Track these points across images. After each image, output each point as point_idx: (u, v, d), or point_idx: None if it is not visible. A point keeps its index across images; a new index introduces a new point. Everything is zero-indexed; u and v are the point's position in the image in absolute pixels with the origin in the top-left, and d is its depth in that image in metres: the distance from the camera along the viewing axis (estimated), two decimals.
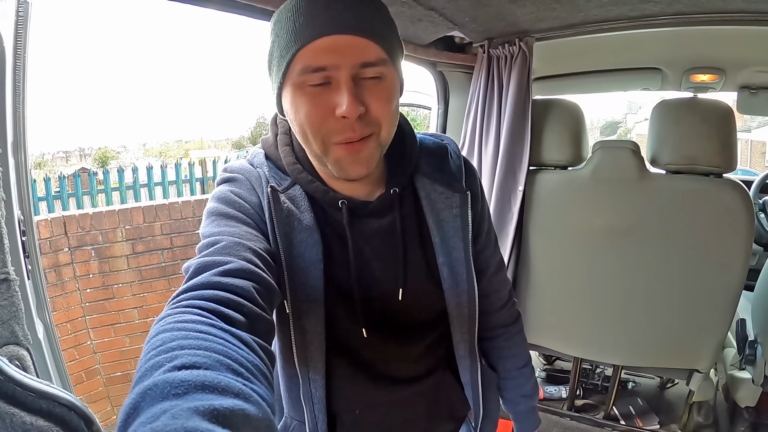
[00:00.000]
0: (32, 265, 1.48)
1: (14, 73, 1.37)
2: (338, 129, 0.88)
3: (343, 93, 0.85)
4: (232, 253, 0.83)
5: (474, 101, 2.09)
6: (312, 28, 0.84)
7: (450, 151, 1.14)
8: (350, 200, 1.01)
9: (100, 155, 30.39)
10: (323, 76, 0.85)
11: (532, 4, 1.61)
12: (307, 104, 0.87)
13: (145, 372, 0.55)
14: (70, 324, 4.43)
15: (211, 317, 0.67)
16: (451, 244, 1.08)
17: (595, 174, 1.95)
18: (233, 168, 1.04)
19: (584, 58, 2.39)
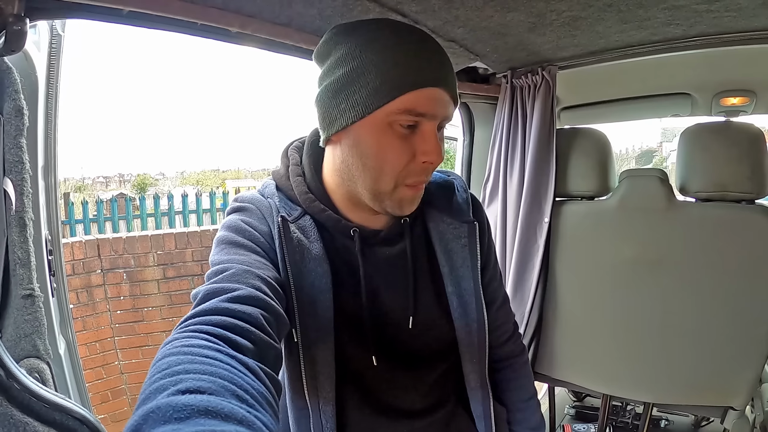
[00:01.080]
0: (57, 283, 1.53)
1: (47, 101, 1.43)
2: (416, 172, 0.94)
3: (433, 142, 0.92)
4: (240, 280, 0.83)
5: (498, 132, 2.06)
6: (425, 75, 0.89)
7: (456, 186, 1.18)
8: (362, 229, 1.03)
9: (138, 181, 30.96)
10: (414, 120, 0.90)
11: (551, 32, 1.59)
12: (395, 144, 0.91)
13: (149, 394, 0.55)
14: (99, 344, 4.52)
15: (218, 342, 0.67)
16: (459, 273, 1.09)
17: (622, 204, 1.90)
18: (244, 198, 1.06)
19: (612, 86, 2.34)
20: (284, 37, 1.30)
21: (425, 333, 1.08)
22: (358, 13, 1.28)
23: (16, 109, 1.19)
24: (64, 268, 1.62)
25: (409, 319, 1.06)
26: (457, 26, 1.45)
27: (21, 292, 1.23)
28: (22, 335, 1.23)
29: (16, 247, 1.22)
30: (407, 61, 0.89)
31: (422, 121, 0.91)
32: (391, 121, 0.90)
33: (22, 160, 1.22)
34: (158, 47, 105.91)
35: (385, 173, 0.93)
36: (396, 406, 1.07)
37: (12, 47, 0.94)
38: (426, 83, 0.89)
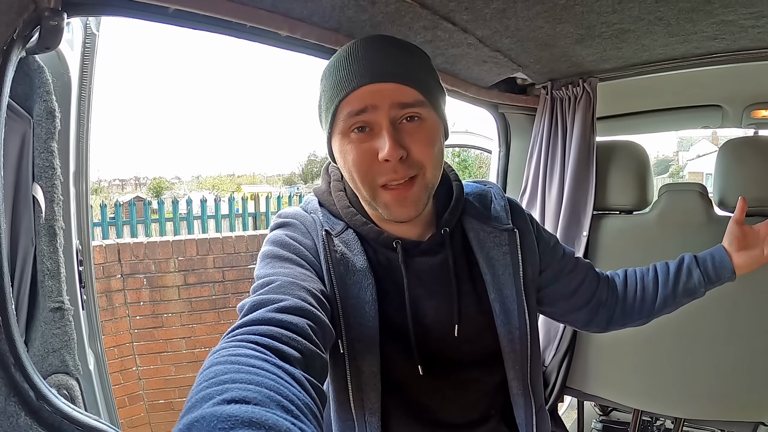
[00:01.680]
0: (87, 295, 1.50)
1: (79, 104, 1.40)
2: (382, 172, 0.96)
3: (383, 137, 0.93)
4: (286, 291, 0.85)
5: (537, 144, 2.03)
6: (353, 79, 0.94)
7: (493, 194, 1.21)
8: (403, 240, 1.05)
9: (154, 185, 31.19)
10: (363, 120, 0.94)
11: (597, 44, 1.57)
12: (353, 150, 0.96)
13: (195, 403, 0.55)
14: (118, 349, 4.52)
15: (264, 352, 0.68)
16: (501, 281, 1.11)
17: (661, 218, 1.88)
18: (287, 213, 1.10)
19: (644, 98, 2.34)
20: (333, 42, 1.28)
21: (470, 340, 1.09)
22: (409, 20, 1.26)
23: (48, 111, 1.16)
24: (95, 278, 1.59)
25: (455, 327, 1.07)
26: (506, 36, 1.43)
27: (50, 305, 1.20)
28: (50, 350, 1.20)
29: (44, 257, 1.20)
30: (341, 69, 0.96)
31: (370, 119, 0.94)
32: (345, 129, 0.96)
33: (53, 165, 1.20)
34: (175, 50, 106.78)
35: (356, 180, 0.98)
36: (440, 418, 1.08)
37: (47, 44, 0.90)
38: (357, 83, 0.94)
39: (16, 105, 1.12)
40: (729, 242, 1.30)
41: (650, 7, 1.28)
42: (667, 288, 1.30)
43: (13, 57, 0.83)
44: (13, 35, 0.82)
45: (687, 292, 1.30)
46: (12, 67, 0.83)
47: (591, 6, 1.26)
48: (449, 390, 1.08)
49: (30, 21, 0.84)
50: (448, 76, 1.70)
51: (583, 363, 2.04)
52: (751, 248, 1.28)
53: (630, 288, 1.34)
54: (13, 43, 0.82)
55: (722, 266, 1.28)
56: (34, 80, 1.15)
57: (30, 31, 0.85)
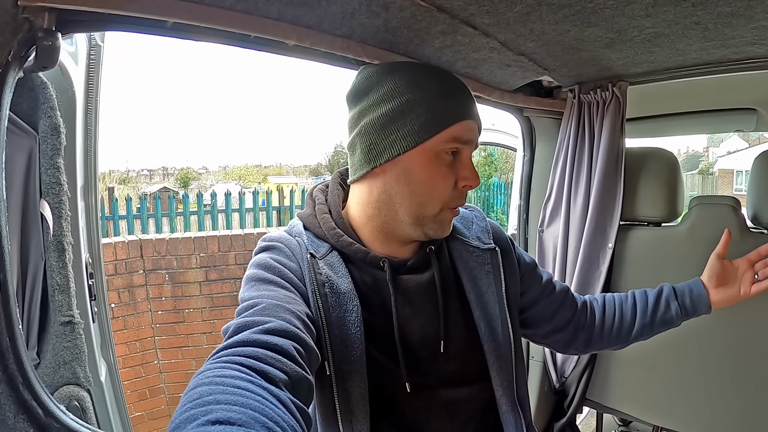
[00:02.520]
0: (98, 307, 1.50)
1: (85, 117, 1.39)
2: (458, 197, 1.05)
3: (471, 168, 1.04)
4: (272, 314, 0.85)
5: (563, 150, 1.96)
6: (467, 109, 1.04)
7: (474, 216, 1.26)
8: (390, 259, 1.08)
9: (182, 175, 31.59)
10: (457, 148, 1.02)
11: (629, 48, 1.50)
12: (443, 171, 1.02)
13: (179, 424, 0.56)
14: (139, 343, 4.60)
15: (249, 373, 0.68)
16: (485, 299, 1.14)
17: (692, 232, 1.80)
18: (272, 237, 1.11)
19: (674, 101, 2.27)
20: (345, 50, 1.23)
21: (457, 358, 1.10)
22: (426, 25, 1.20)
23: (53, 127, 1.18)
24: (106, 289, 1.60)
25: (441, 342, 1.08)
26: (530, 40, 1.37)
27: (60, 319, 1.23)
28: (61, 362, 1.23)
29: (54, 272, 1.22)
30: (451, 96, 1.03)
31: (462, 148, 1.03)
32: (439, 150, 1.01)
33: (59, 181, 1.21)
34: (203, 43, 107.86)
35: (434, 198, 1.03)
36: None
37: (44, 63, 0.89)
38: (466, 116, 1.02)
39: (21, 122, 1.13)
40: (708, 277, 1.32)
41: (687, 11, 1.21)
42: (645, 317, 1.33)
43: (9, 78, 0.82)
44: (9, 56, 0.82)
45: (664, 322, 1.33)
46: (9, 88, 0.83)
47: (622, 10, 1.20)
48: (438, 409, 1.08)
49: (25, 41, 0.83)
50: (470, 81, 1.63)
51: (604, 376, 2.00)
52: (729, 285, 1.31)
53: (608, 314, 1.37)
54: (9, 64, 0.82)
55: (699, 301, 1.31)
56: (38, 96, 1.16)
57: (26, 51, 0.84)
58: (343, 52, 1.22)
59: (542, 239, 2.07)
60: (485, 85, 1.73)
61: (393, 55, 1.32)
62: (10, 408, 0.87)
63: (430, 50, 1.36)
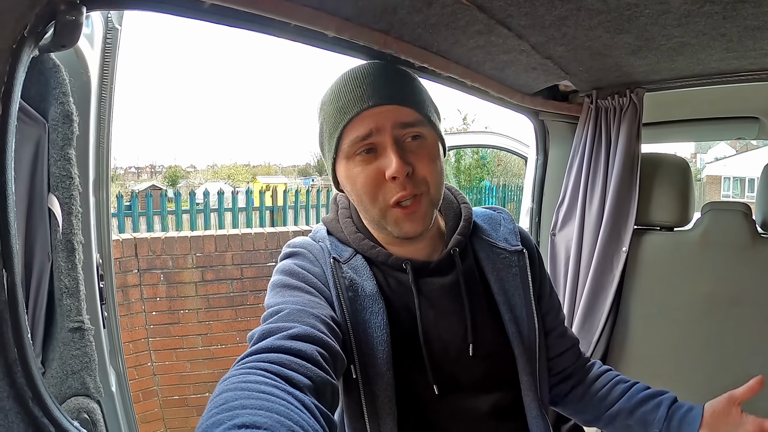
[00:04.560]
0: (108, 312, 1.43)
1: (99, 106, 1.31)
2: (392, 190, 0.99)
3: (390, 155, 0.97)
4: (296, 319, 0.86)
5: (578, 154, 1.97)
6: (355, 104, 0.99)
7: (502, 218, 1.23)
8: (413, 261, 1.07)
9: (170, 173, 31.42)
10: (369, 143, 0.98)
11: (653, 56, 1.51)
12: (360, 173, 1.00)
13: (206, 429, 0.57)
14: (133, 344, 4.53)
15: (274, 379, 0.69)
16: (513, 302, 1.12)
17: (704, 237, 1.84)
18: (296, 243, 1.12)
19: (681, 107, 2.29)
20: (382, 45, 1.20)
21: (486, 360, 1.08)
22: (464, 24, 1.19)
23: (64, 115, 1.09)
24: (116, 293, 1.52)
25: (470, 346, 1.06)
26: (560, 44, 1.37)
27: (68, 325, 1.14)
28: (69, 372, 1.14)
29: (62, 274, 1.13)
30: (341, 96, 1.01)
31: (376, 141, 0.98)
32: (350, 153, 1.00)
33: (70, 174, 1.13)
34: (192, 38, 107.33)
35: (365, 201, 1.01)
36: None
37: (63, 42, 0.80)
38: (356, 109, 0.98)
39: (29, 108, 1.05)
40: (710, 412, 1.11)
41: (717, 23, 1.23)
42: (628, 402, 1.19)
43: (24, 56, 0.73)
44: (24, 32, 0.71)
45: (642, 421, 1.16)
46: (23, 68, 0.73)
47: (656, 19, 1.21)
48: (467, 411, 1.07)
49: (44, 15, 0.73)
50: (495, 83, 1.64)
51: None
52: None
53: (600, 382, 1.25)
54: (24, 40, 0.72)
55: (688, 426, 1.11)
56: (49, 81, 1.07)
57: (44, 26, 0.74)
58: (380, 46, 1.19)
59: (554, 243, 2.07)
60: (508, 87, 1.74)
61: (426, 53, 1.31)
62: (19, 426, 0.80)
63: (462, 50, 1.36)
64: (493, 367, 1.09)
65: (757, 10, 1.15)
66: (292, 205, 7.94)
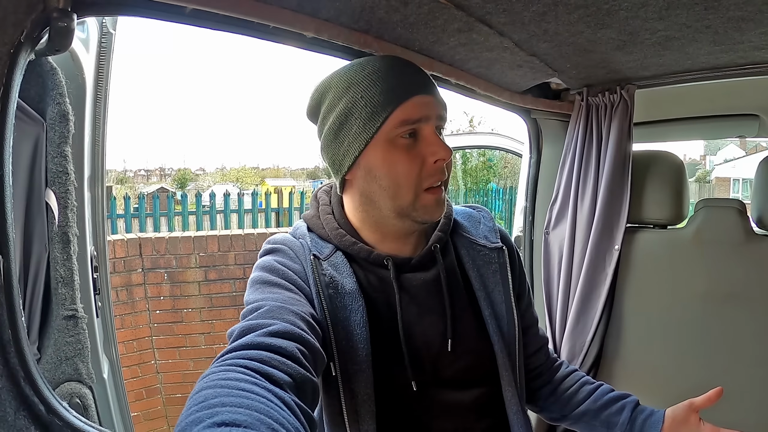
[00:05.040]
0: (102, 302, 1.47)
1: (94, 106, 1.36)
2: (431, 174, 1.01)
3: (436, 141, 1.00)
4: (276, 316, 0.86)
5: (570, 152, 1.96)
6: (406, 88, 1.00)
7: (482, 216, 1.25)
8: (394, 257, 1.08)
9: (179, 176, 31.57)
10: (414, 128, 1.00)
11: (639, 51, 1.50)
12: (402, 157, 1.00)
13: (185, 426, 0.57)
14: (137, 342, 4.56)
15: (254, 376, 0.69)
16: (492, 297, 1.13)
17: (698, 235, 1.82)
18: (276, 240, 1.12)
19: (677, 105, 2.27)
20: (362, 44, 1.22)
21: (466, 356, 1.09)
22: (443, 22, 1.20)
23: (61, 114, 1.15)
24: (110, 284, 1.57)
25: (448, 342, 1.07)
26: (543, 40, 1.37)
27: (63, 313, 1.19)
28: (63, 358, 1.19)
29: (58, 264, 1.19)
30: (388, 80, 1.00)
31: (420, 127, 1.00)
32: (392, 138, 1.00)
33: (66, 170, 1.18)
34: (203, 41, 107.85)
35: (402, 186, 1.01)
36: None
37: (56, 46, 0.85)
38: (411, 93, 1.00)
39: (28, 108, 1.11)
40: (671, 418, 1.16)
41: (699, 14, 1.22)
42: (594, 404, 1.23)
43: (21, 60, 0.79)
44: (21, 37, 0.78)
45: (606, 423, 1.21)
46: (20, 70, 0.79)
47: (636, 12, 1.20)
48: (445, 409, 1.07)
49: (38, 22, 0.79)
50: (481, 81, 1.64)
51: (609, 379, 1.96)
52: None
53: (567, 382, 1.30)
54: (21, 45, 0.78)
55: (649, 430, 1.16)
56: (47, 82, 1.13)
57: (39, 32, 0.81)
58: (359, 46, 1.21)
59: (548, 241, 2.07)
60: (495, 85, 1.73)
61: (408, 51, 1.32)
62: (11, 404, 0.84)
63: (444, 48, 1.36)
64: (473, 363, 1.10)
65: (739, 0, 1.14)
66: (298, 207, 7.96)
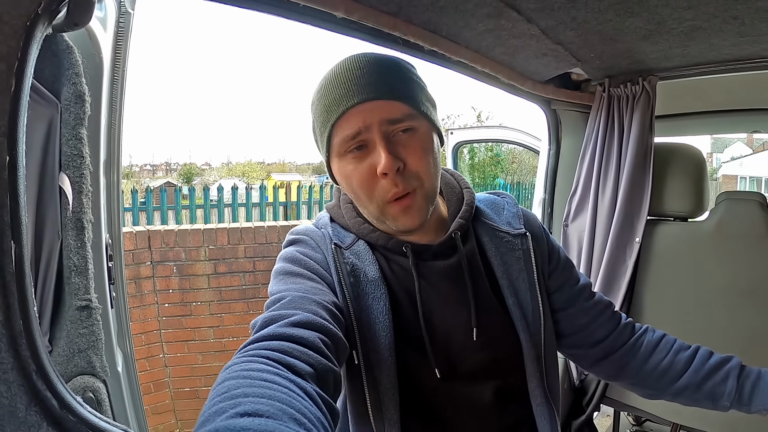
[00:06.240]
0: (117, 292, 1.43)
1: (111, 87, 1.32)
2: (385, 187, 0.96)
3: (378, 151, 0.94)
4: (298, 306, 0.86)
5: (591, 143, 1.95)
6: (341, 102, 0.95)
7: (506, 203, 1.22)
8: (413, 244, 1.06)
9: (185, 170, 31.63)
10: (359, 141, 0.96)
11: (664, 41, 1.49)
12: (353, 171, 0.98)
13: (208, 417, 0.57)
14: (145, 336, 4.56)
15: (276, 366, 0.70)
16: (516, 286, 1.10)
17: (719, 228, 1.80)
18: (299, 230, 1.12)
19: (696, 99, 2.26)
20: (391, 27, 1.20)
21: (491, 346, 1.06)
22: (473, 6, 1.19)
23: (77, 95, 1.11)
24: (125, 274, 1.52)
25: (473, 330, 1.05)
26: (570, 28, 1.36)
27: (76, 303, 1.16)
28: (76, 350, 1.16)
29: (71, 252, 1.15)
30: (327, 95, 0.97)
31: (365, 138, 0.96)
32: (342, 152, 0.98)
33: (81, 153, 1.15)
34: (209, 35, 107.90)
35: (361, 198, 1.00)
36: (462, 428, 1.05)
37: (75, 20, 0.80)
38: (342, 106, 0.95)
39: (42, 88, 1.07)
40: None
41: (728, 4, 1.21)
42: (696, 376, 1.14)
43: (37, 34, 0.72)
44: (38, 9, 0.71)
45: (711, 395, 1.12)
46: (36, 46, 0.73)
47: (667, 0, 1.18)
48: (469, 399, 1.05)
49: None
50: (505, 69, 1.63)
51: None
52: None
53: (659, 352, 1.20)
54: (37, 18, 0.71)
55: (761, 394, 1.08)
56: (62, 61, 1.09)
57: (57, 5, 0.75)
58: (389, 29, 1.19)
59: (567, 233, 2.06)
60: (519, 74, 1.72)
61: (435, 36, 1.31)
62: (22, 399, 0.79)
63: (471, 34, 1.35)
64: (497, 353, 1.07)
65: None
66: (306, 200, 7.95)
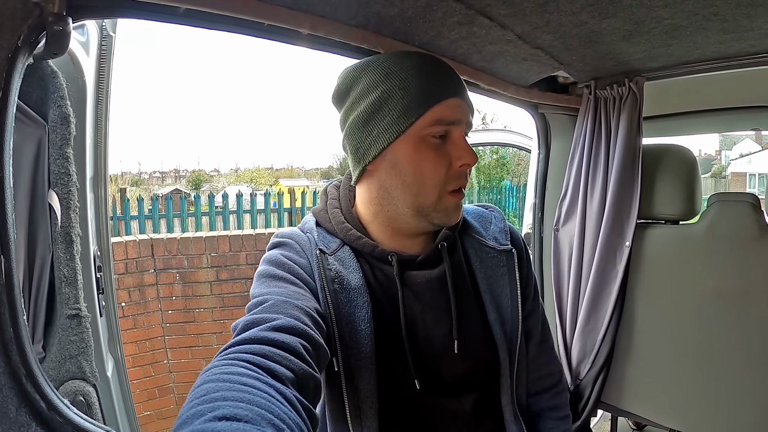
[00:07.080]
0: (106, 301, 1.49)
1: (96, 108, 1.38)
2: (455, 177, 1.01)
3: (464, 146, 1.00)
4: (280, 310, 0.86)
5: (579, 147, 1.92)
6: (446, 88, 0.99)
7: (493, 217, 1.23)
8: (399, 254, 1.06)
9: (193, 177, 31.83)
10: (446, 130, 0.99)
11: (646, 41, 1.46)
12: (431, 156, 0.99)
13: (186, 420, 0.57)
14: (149, 342, 4.62)
15: (256, 370, 0.69)
16: (499, 302, 1.11)
17: (710, 230, 1.76)
18: (284, 234, 1.12)
19: (689, 98, 2.22)
20: (360, 40, 1.21)
21: (470, 359, 1.08)
22: (441, 15, 1.17)
23: (62, 117, 1.16)
24: (114, 284, 1.59)
25: (455, 342, 1.06)
26: (547, 32, 1.34)
27: (67, 312, 1.21)
28: (67, 356, 1.21)
29: (61, 264, 1.20)
30: (429, 78, 0.99)
31: (451, 129, 1.00)
32: (423, 135, 0.98)
33: (68, 171, 1.20)
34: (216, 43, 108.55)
35: (426, 185, 1.00)
36: None
37: (54, 50, 0.86)
38: (448, 94, 0.98)
39: (30, 111, 1.12)
40: None
41: (705, 1, 1.19)
42: None
43: (19, 64, 0.80)
44: (18, 42, 0.79)
45: None
46: (18, 74, 0.80)
47: (640, 0, 1.17)
48: (448, 408, 1.07)
49: (35, 26, 0.80)
50: (486, 75, 1.61)
51: (620, 378, 1.96)
52: None
53: None
54: (18, 49, 0.79)
55: None
56: (48, 85, 1.14)
57: (36, 36, 0.81)
58: (357, 42, 1.20)
59: (558, 238, 2.04)
60: (500, 79, 1.70)
61: (408, 46, 1.30)
62: (12, 401, 0.86)
63: (445, 42, 1.33)
64: (476, 366, 1.09)
65: None
66: (311, 205, 7.95)
